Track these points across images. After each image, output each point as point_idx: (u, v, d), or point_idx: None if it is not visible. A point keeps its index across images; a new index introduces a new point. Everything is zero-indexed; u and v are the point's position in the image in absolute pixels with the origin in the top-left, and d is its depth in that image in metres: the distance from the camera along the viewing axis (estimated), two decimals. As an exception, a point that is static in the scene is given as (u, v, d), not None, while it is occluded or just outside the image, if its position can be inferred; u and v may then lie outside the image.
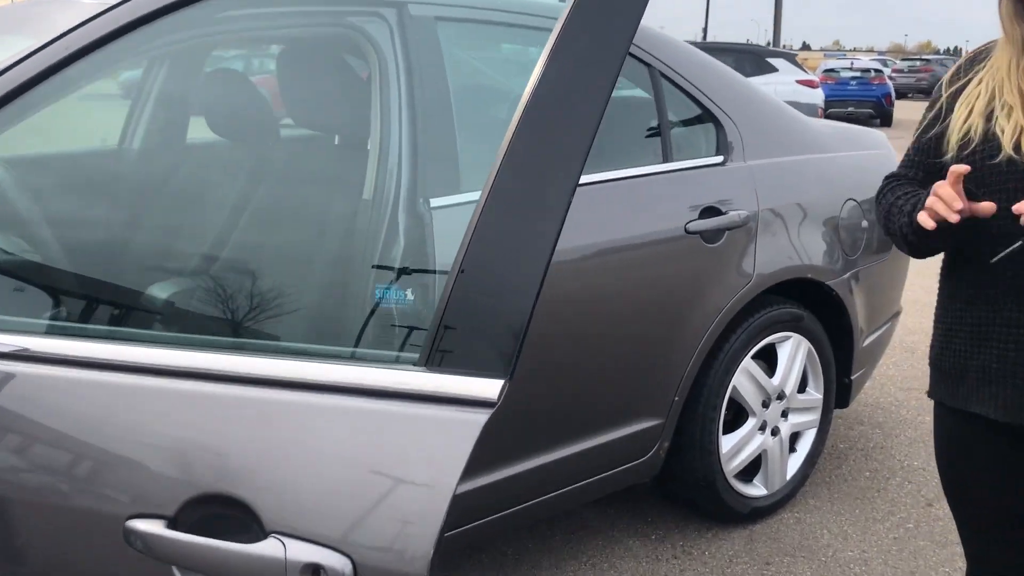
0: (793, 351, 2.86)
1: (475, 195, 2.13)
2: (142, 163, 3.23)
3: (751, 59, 12.20)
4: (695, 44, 13.69)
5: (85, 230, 1.97)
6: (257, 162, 2.42)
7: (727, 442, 2.75)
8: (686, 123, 2.72)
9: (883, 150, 3.31)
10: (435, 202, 2.05)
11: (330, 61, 2.24)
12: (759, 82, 11.73)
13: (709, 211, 2.55)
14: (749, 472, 2.88)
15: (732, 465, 2.77)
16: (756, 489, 2.89)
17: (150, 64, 3.18)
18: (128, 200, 2.25)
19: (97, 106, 2.37)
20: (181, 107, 3.18)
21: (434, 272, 1.95)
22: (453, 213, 2.08)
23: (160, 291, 1.86)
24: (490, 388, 0.99)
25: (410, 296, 1.55)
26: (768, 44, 32.57)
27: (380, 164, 2.06)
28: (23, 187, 2.29)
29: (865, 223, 3.03)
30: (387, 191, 2.06)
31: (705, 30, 44.24)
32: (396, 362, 1.07)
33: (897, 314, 3.44)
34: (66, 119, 2.13)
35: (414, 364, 1.00)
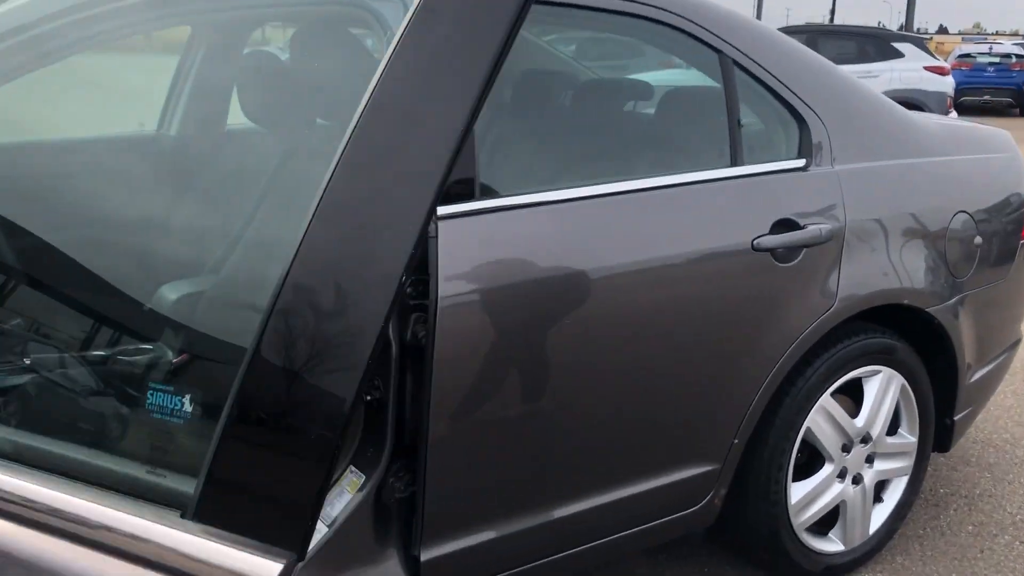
0: (883, 388, 2.45)
1: (494, 202, 1.84)
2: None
3: (874, 43, 11.41)
4: (816, 28, 12.94)
5: None
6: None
7: (798, 490, 2.37)
8: (762, 120, 2.34)
9: (1007, 153, 2.84)
10: (443, 210, 1.75)
11: (334, 45, 1.97)
12: (882, 68, 10.99)
13: (783, 224, 2.17)
14: (825, 523, 2.49)
15: (803, 517, 2.39)
16: (831, 544, 2.50)
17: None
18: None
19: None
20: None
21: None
22: (464, 225, 1.78)
23: None
24: (265, 572, 0.66)
25: (187, 406, 1.18)
26: (900, 28, 30.86)
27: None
28: None
29: (979, 239, 2.59)
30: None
31: (832, 12, 42.42)
32: (160, 504, 0.76)
33: (1016, 344, 2.97)
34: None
35: (182, 515, 0.70)
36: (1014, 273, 2.76)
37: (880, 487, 2.59)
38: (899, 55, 11.30)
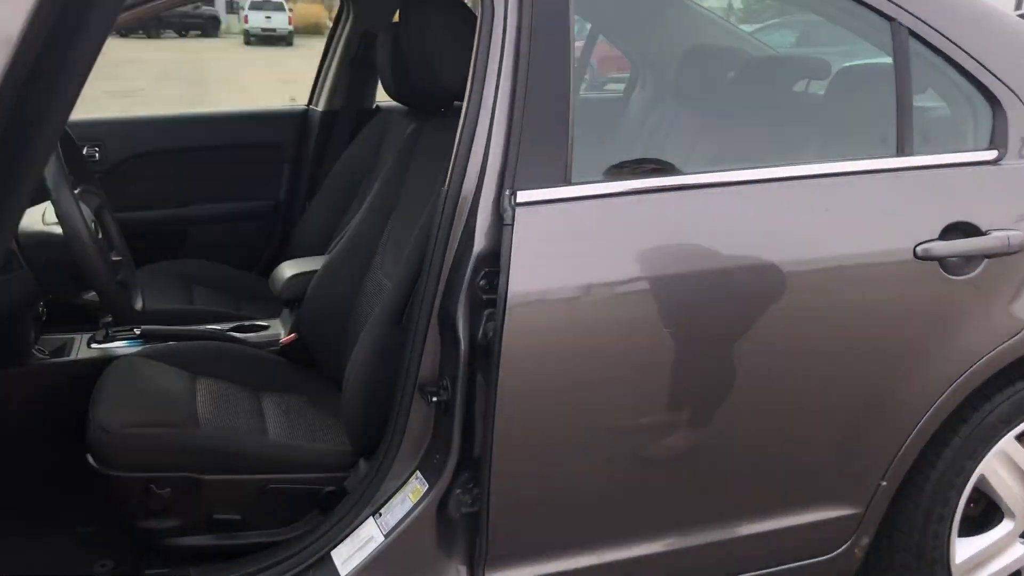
0: (1088, 434, 2.00)
1: (588, 189, 1.61)
2: None
3: None
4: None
5: None
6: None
7: (965, 548, 1.98)
8: (943, 102, 1.95)
9: None
10: (523, 195, 1.54)
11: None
12: None
13: (959, 229, 1.79)
14: (1002, 590, 2.08)
15: (971, 581, 2.00)
16: (1009, 616, 2.08)
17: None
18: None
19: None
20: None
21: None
22: (548, 213, 1.57)
23: None
24: None
25: None
26: None
27: (462, 139, 1.60)
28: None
29: None
30: (469, 177, 1.59)
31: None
32: None
33: None
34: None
35: None
36: None
37: (1079, 554, 2.13)
38: None
